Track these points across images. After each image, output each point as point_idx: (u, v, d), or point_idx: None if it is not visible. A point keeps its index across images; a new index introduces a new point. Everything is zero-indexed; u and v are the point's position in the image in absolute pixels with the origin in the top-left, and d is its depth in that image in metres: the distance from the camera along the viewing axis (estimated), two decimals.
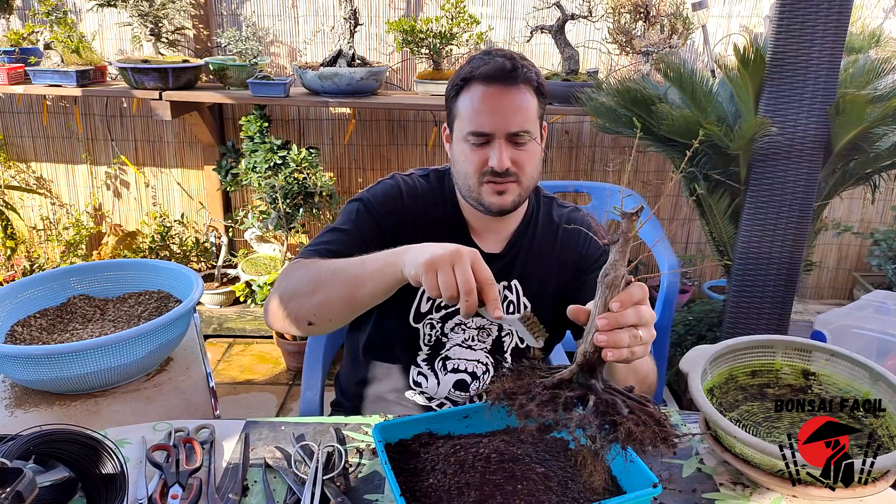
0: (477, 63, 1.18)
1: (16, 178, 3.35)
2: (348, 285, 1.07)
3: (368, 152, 3.27)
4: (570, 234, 1.33)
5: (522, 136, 1.17)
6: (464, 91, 1.19)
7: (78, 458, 0.92)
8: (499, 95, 1.15)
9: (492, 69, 1.15)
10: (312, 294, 1.10)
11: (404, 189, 1.29)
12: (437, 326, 1.30)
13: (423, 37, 2.77)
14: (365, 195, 1.29)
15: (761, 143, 1.96)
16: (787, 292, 2.08)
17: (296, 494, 0.96)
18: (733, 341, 1.16)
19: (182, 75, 2.77)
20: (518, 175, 1.19)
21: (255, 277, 2.97)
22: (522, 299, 1.31)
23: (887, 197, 3.27)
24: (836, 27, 1.82)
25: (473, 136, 1.17)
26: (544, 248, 1.32)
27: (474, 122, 1.17)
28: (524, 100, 1.17)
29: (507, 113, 1.15)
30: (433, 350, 1.32)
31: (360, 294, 1.06)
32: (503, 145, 1.16)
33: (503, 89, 1.15)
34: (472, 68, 1.18)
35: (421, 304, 1.29)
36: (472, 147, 1.18)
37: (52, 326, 1.43)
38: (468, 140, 1.18)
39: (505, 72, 1.15)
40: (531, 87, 1.18)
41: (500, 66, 1.15)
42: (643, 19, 2.76)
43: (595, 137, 3.20)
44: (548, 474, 0.91)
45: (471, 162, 1.19)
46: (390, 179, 1.32)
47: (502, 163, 1.15)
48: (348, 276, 1.07)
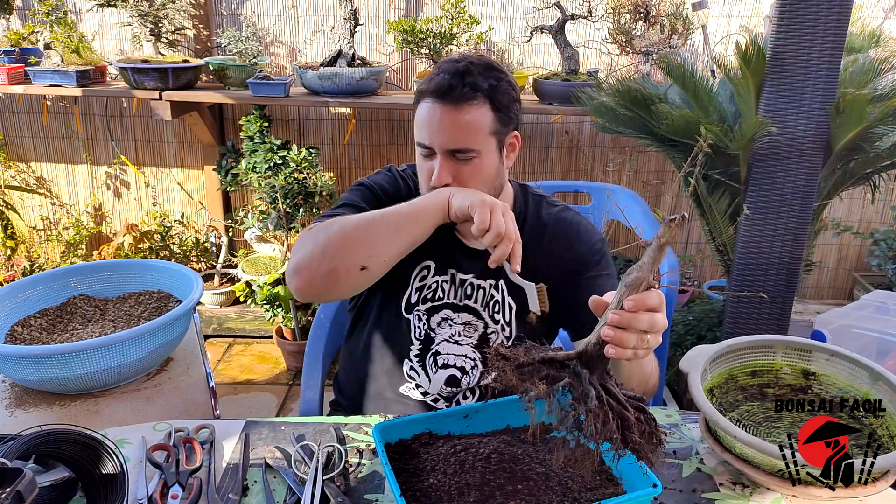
0: (430, 75, 1.20)
1: (16, 178, 3.35)
2: (398, 223, 1.13)
3: (368, 152, 3.27)
4: (560, 234, 1.32)
5: (465, 153, 1.18)
6: (419, 102, 1.21)
7: (78, 458, 0.92)
8: (439, 112, 1.17)
9: (434, 86, 1.17)
10: (364, 239, 1.13)
11: (400, 181, 1.33)
12: (423, 319, 1.32)
13: (423, 37, 2.77)
14: (367, 181, 1.33)
15: (761, 143, 1.96)
16: (787, 292, 2.08)
17: (296, 494, 0.96)
18: (733, 341, 1.16)
19: (182, 75, 2.77)
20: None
21: (255, 277, 2.97)
22: (507, 299, 1.31)
23: (887, 197, 3.27)
24: (836, 27, 1.82)
25: (420, 147, 1.21)
26: (532, 247, 1.31)
27: (418, 134, 1.21)
28: (468, 116, 1.16)
29: (444, 130, 1.17)
30: (424, 345, 1.32)
31: (416, 230, 1.13)
32: (443, 161, 1.18)
33: (444, 107, 1.16)
34: (427, 80, 1.20)
35: (411, 295, 1.32)
36: (422, 157, 1.22)
37: (52, 326, 1.43)
38: (418, 150, 1.22)
39: (444, 90, 1.16)
40: (483, 102, 1.17)
41: (442, 83, 1.16)
42: (643, 19, 2.76)
43: (595, 137, 3.20)
44: (548, 474, 0.91)
45: (422, 171, 1.23)
46: (386, 171, 1.36)
47: (439, 178, 1.18)
48: (396, 215, 1.14)
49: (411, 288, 1.32)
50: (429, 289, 1.32)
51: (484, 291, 1.31)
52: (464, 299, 1.32)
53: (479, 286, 1.31)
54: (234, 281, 3.23)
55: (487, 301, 1.31)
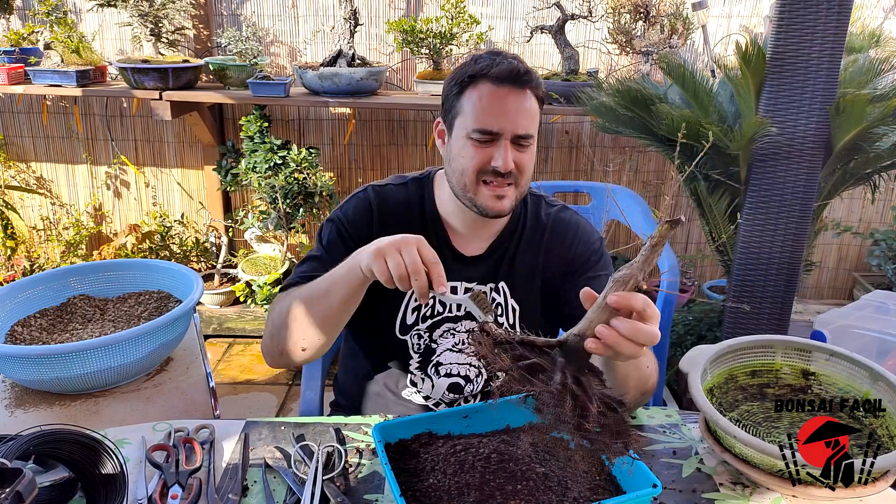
0: (485, 62, 1.17)
1: (16, 178, 3.35)
2: (321, 300, 1.13)
3: (368, 152, 3.27)
4: (559, 234, 1.32)
5: (527, 139, 1.17)
6: (470, 88, 1.17)
7: (78, 458, 0.92)
8: (509, 96, 1.16)
9: (505, 70, 1.15)
10: (294, 320, 1.15)
11: (375, 203, 1.29)
12: (424, 336, 1.31)
13: (423, 37, 2.77)
14: (337, 215, 1.30)
15: (761, 143, 1.96)
16: (787, 292, 2.08)
17: (296, 494, 0.96)
18: (733, 341, 1.16)
19: (182, 75, 2.77)
20: (518, 178, 1.19)
21: (255, 277, 2.97)
22: (511, 301, 1.31)
23: (887, 197, 3.27)
24: (836, 27, 1.82)
25: (479, 134, 1.16)
26: (531, 248, 1.31)
27: (481, 120, 1.16)
28: (532, 104, 1.17)
29: (516, 115, 1.16)
30: (424, 357, 1.32)
31: (333, 303, 1.12)
32: (508, 146, 1.16)
33: (514, 91, 1.16)
34: (481, 67, 1.17)
35: (406, 317, 1.30)
36: (475, 144, 1.17)
37: (52, 326, 1.43)
38: (472, 137, 1.17)
39: (517, 74, 1.15)
40: (536, 94, 1.19)
41: (513, 67, 1.15)
42: (643, 19, 2.76)
43: (595, 137, 3.20)
44: (548, 474, 0.91)
45: (471, 159, 1.18)
46: (362, 193, 1.31)
47: (507, 163, 1.15)
48: (319, 291, 1.13)
49: (405, 310, 1.29)
50: (427, 306, 1.30)
51: (485, 296, 1.31)
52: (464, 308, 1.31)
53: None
54: (234, 281, 3.23)
55: (490, 305, 1.31)
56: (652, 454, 1.09)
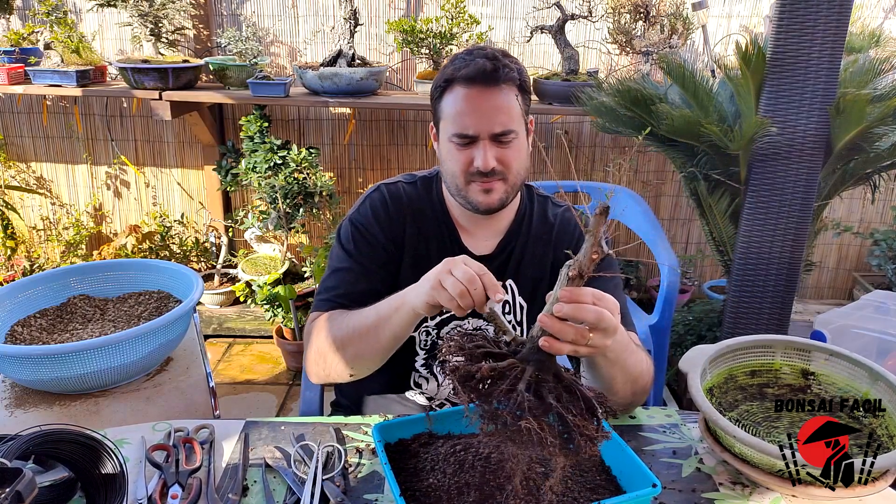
0: (459, 63, 1.18)
1: (16, 178, 3.35)
2: (368, 336, 1.13)
3: (368, 152, 3.27)
4: (565, 234, 1.33)
5: (507, 135, 1.17)
6: (447, 92, 1.19)
7: (78, 458, 0.92)
8: (481, 97, 1.16)
9: (473, 70, 1.15)
10: (343, 353, 1.16)
11: (390, 201, 1.30)
12: (432, 332, 1.31)
13: (423, 37, 2.77)
14: (355, 217, 1.30)
15: (761, 143, 1.96)
16: (787, 292, 2.08)
17: (295, 494, 0.96)
18: (733, 341, 1.16)
19: (182, 75, 2.77)
20: (504, 173, 1.19)
21: (255, 277, 2.97)
22: (518, 299, 1.31)
23: (887, 197, 3.27)
24: (836, 27, 1.82)
25: (458, 138, 1.18)
26: (539, 247, 1.32)
27: (458, 124, 1.17)
28: (507, 99, 1.17)
29: (489, 114, 1.16)
30: (430, 353, 1.32)
31: (382, 339, 1.12)
32: (487, 145, 1.17)
33: (485, 90, 1.16)
34: (454, 69, 1.18)
35: None
36: (457, 147, 1.19)
37: (52, 326, 1.43)
38: (453, 141, 1.19)
39: (486, 73, 1.15)
40: (514, 85, 1.18)
41: (480, 67, 1.15)
42: (643, 19, 2.76)
43: (595, 137, 3.20)
44: (547, 474, 0.91)
45: (457, 161, 1.20)
46: (375, 192, 1.32)
47: (487, 163, 1.16)
48: (365, 327, 1.13)
49: None
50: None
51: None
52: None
53: None
54: (234, 281, 3.23)
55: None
56: (652, 454, 1.09)
